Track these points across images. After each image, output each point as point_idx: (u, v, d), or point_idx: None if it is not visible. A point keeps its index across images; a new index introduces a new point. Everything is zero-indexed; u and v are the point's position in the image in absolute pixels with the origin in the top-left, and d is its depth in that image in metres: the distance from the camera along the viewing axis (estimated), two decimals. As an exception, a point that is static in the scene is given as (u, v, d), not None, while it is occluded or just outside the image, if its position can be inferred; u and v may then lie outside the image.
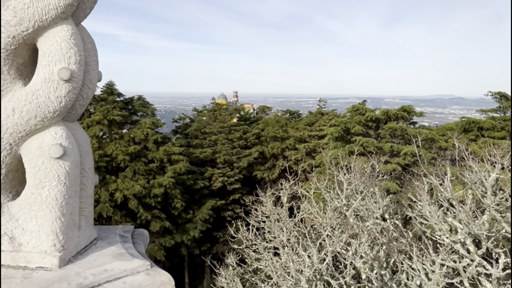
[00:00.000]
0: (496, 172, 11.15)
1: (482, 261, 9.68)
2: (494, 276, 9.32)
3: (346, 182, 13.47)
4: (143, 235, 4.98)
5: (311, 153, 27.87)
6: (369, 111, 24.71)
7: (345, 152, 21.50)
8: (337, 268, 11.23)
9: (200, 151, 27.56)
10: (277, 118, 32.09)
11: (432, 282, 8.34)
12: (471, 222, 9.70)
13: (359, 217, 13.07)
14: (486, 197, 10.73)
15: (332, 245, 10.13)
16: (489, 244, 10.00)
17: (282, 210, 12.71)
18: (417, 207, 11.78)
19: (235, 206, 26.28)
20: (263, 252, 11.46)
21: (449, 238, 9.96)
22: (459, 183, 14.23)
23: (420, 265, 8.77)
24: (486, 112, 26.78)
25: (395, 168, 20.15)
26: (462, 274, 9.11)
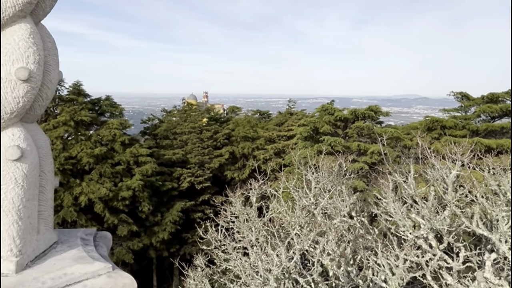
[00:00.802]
0: (457, 169, 11.59)
1: (444, 255, 10.02)
2: (454, 269, 9.66)
3: (314, 181, 13.66)
4: (106, 238, 4.89)
5: (280, 153, 28.09)
6: (338, 111, 25.09)
7: (313, 152, 21.76)
8: (305, 266, 11.35)
9: (172, 152, 27.27)
10: (247, 118, 32.19)
11: (396, 276, 8.56)
12: (433, 218, 10.03)
13: (327, 215, 13.28)
14: (447, 194, 11.13)
15: (300, 244, 10.25)
16: (450, 239, 10.37)
17: (251, 210, 12.75)
18: (382, 204, 12.08)
19: (205, 207, 26.13)
20: (232, 252, 11.43)
21: (413, 234, 10.25)
22: (422, 180, 14.66)
23: (384, 260, 8.98)
24: (449, 112, 27.72)
25: (362, 166, 20.57)
26: (424, 268, 9.40)
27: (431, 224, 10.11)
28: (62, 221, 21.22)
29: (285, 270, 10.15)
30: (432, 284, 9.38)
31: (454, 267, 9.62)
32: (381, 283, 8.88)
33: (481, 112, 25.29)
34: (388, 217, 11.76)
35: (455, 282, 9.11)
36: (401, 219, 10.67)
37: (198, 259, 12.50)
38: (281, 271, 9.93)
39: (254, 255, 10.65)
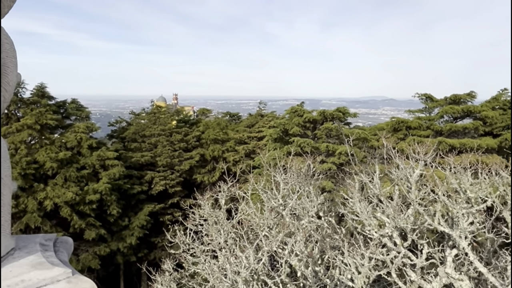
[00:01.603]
0: (420, 168, 11.91)
1: (408, 252, 10.28)
2: (418, 266, 9.92)
3: (283, 182, 13.74)
4: (67, 243, 4.79)
5: (250, 154, 28.10)
6: (307, 112, 25.34)
7: (283, 153, 21.87)
8: (274, 267, 11.40)
9: (140, 154, 26.79)
10: (217, 120, 32.05)
11: (362, 275, 8.69)
12: (397, 217, 10.26)
13: (295, 216, 13.38)
14: (411, 192, 11.41)
15: (268, 245, 10.28)
16: (414, 237, 10.65)
17: (220, 212, 12.70)
18: (349, 204, 12.27)
19: (174, 210, 25.81)
20: (201, 256, 11.34)
21: (378, 233, 10.45)
22: (388, 180, 14.96)
23: (351, 259, 9.11)
24: (414, 113, 28.44)
25: (331, 167, 20.84)
26: (389, 265, 9.59)
27: (395, 222, 10.35)
28: (25, 227, 20.49)
29: (254, 272, 10.16)
30: (397, 281, 9.59)
31: (418, 263, 9.89)
32: (347, 282, 9.00)
33: (444, 113, 26.08)
34: (355, 216, 11.96)
35: (419, 279, 9.35)
36: (367, 218, 10.87)
37: (166, 263, 12.32)
38: (249, 273, 9.93)
39: (222, 257, 10.60)
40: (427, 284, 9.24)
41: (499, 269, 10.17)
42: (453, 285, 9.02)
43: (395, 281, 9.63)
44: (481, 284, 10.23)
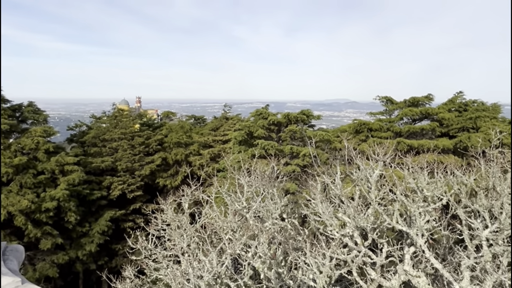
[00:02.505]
0: (379, 169, 12.20)
1: (368, 251, 10.48)
2: (378, 265, 10.13)
3: (247, 185, 13.71)
4: (17, 251, 4.60)
5: (215, 157, 27.94)
6: (272, 115, 25.48)
7: (248, 156, 21.88)
8: (238, 270, 11.34)
9: (101, 159, 26.02)
10: (181, 123, 31.64)
11: (323, 274, 8.78)
12: (357, 216, 10.44)
13: (259, 219, 13.38)
14: (371, 192, 11.66)
15: (232, 248, 10.21)
16: (374, 236, 10.87)
17: (183, 216, 12.52)
18: (311, 205, 12.40)
19: (135, 216, 25.21)
20: (163, 261, 11.12)
21: (339, 233, 10.60)
22: (350, 180, 15.24)
23: (312, 260, 9.19)
24: (375, 115, 29.22)
25: (295, 169, 21.02)
26: (350, 264, 9.74)
27: (356, 222, 10.54)
28: (-23, 237, 19.44)
29: (217, 276, 10.06)
30: (358, 280, 9.75)
31: (378, 262, 10.09)
32: (309, 282, 9.06)
33: (403, 115, 26.90)
34: (317, 217, 12.09)
35: (379, 277, 9.55)
36: (329, 219, 11.01)
37: (127, 270, 12.01)
38: (212, 276, 9.82)
39: (185, 262, 10.44)
40: (387, 282, 9.45)
41: (454, 264, 10.55)
42: (411, 281, 9.26)
43: (356, 280, 9.79)
44: (437, 280, 10.57)
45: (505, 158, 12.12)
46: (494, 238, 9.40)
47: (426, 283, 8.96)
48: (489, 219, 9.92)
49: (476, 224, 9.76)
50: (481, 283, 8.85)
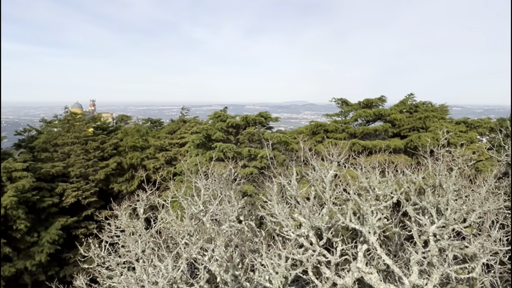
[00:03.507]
0: (334, 169, 12.46)
1: (323, 250, 10.66)
2: (333, 263, 10.33)
3: (204, 188, 13.59)
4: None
5: (171, 161, 27.50)
6: (230, 117, 25.43)
7: (205, 159, 21.71)
8: (195, 274, 11.20)
9: (51, 165, 24.89)
10: (137, 127, 30.91)
11: (279, 275, 8.83)
12: (312, 216, 10.60)
13: (216, 222, 13.29)
14: (325, 192, 11.89)
15: (188, 252, 10.08)
16: (329, 235, 11.08)
17: (138, 222, 12.23)
18: (267, 206, 12.46)
19: (88, 222, 24.29)
20: (116, 268, 10.79)
21: (295, 233, 10.72)
22: (306, 181, 15.46)
23: (268, 261, 9.22)
24: (331, 116, 29.85)
25: (252, 171, 21.09)
26: (306, 264, 9.86)
27: (311, 222, 10.69)
28: None
29: (172, 281, 9.89)
30: (313, 279, 9.89)
31: (332, 260, 10.29)
32: (265, 283, 9.09)
33: (358, 117, 27.67)
34: (274, 218, 12.17)
35: (333, 275, 9.73)
36: (284, 220, 11.10)
37: (79, 279, 11.53)
38: (167, 282, 9.65)
39: (139, 268, 10.19)
40: (341, 280, 9.64)
41: (405, 260, 10.94)
42: (364, 278, 9.51)
43: (312, 280, 9.92)
44: (389, 275, 10.92)
45: (450, 157, 12.74)
46: (440, 233, 9.84)
47: (378, 279, 9.23)
48: (435, 215, 10.36)
49: (424, 221, 10.16)
50: (429, 276, 9.22)
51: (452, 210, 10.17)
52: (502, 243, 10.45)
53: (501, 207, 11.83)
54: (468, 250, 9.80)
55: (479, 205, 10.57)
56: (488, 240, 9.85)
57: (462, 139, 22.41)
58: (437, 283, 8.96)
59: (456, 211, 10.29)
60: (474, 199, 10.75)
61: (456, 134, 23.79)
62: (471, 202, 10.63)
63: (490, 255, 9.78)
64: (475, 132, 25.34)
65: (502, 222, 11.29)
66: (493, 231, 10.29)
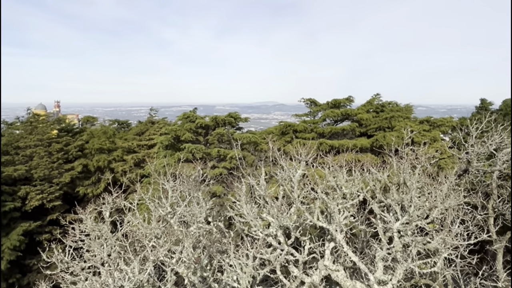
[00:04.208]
0: (302, 168, 12.57)
1: (291, 249, 10.73)
2: (300, 262, 10.40)
3: (171, 189, 13.44)
4: None
5: (140, 163, 26.98)
6: (199, 118, 25.21)
7: (174, 160, 21.44)
8: (162, 277, 11.05)
9: (13, 168, 23.91)
10: (103, 128, 30.13)
11: (246, 274, 8.82)
12: (280, 216, 10.65)
13: (184, 223, 13.16)
14: (293, 192, 11.97)
15: (155, 255, 9.92)
16: (297, 234, 11.16)
17: (104, 225, 11.95)
18: (236, 207, 12.44)
19: (53, 227, 23.44)
20: (81, 274, 10.49)
21: (263, 233, 10.73)
22: (276, 181, 15.52)
23: (236, 261, 9.20)
24: (300, 117, 30.12)
25: (222, 172, 21.00)
26: (274, 263, 9.90)
27: (279, 221, 10.74)
28: None
29: (138, 284, 9.71)
30: (281, 278, 9.93)
31: (300, 259, 10.37)
32: (233, 283, 9.05)
33: (326, 116, 28.05)
34: (242, 218, 12.16)
35: (301, 274, 9.80)
36: (253, 220, 11.11)
37: (41, 286, 11.15)
38: (133, 285, 9.46)
39: (104, 273, 9.95)
40: (308, 278, 9.73)
41: (371, 256, 11.16)
42: (331, 276, 9.63)
43: (280, 279, 9.97)
44: (356, 272, 11.11)
45: (414, 155, 13.09)
46: (404, 230, 10.09)
47: (344, 276, 9.37)
48: (400, 212, 10.63)
49: (388, 218, 10.40)
50: (394, 272, 9.43)
51: (416, 207, 10.46)
52: (462, 237, 10.86)
53: (462, 203, 12.30)
54: (430, 245, 10.10)
55: (441, 202, 10.92)
56: (449, 235, 10.19)
57: (425, 138, 23.07)
58: (401, 278, 9.19)
59: (419, 208, 10.59)
60: (436, 196, 11.08)
61: (420, 133, 24.50)
62: (433, 199, 10.97)
63: (451, 249, 10.13)
64: (438, 131, 26.16)
65: (462, 218, 11.74)
66: (454, 227, 10.66)
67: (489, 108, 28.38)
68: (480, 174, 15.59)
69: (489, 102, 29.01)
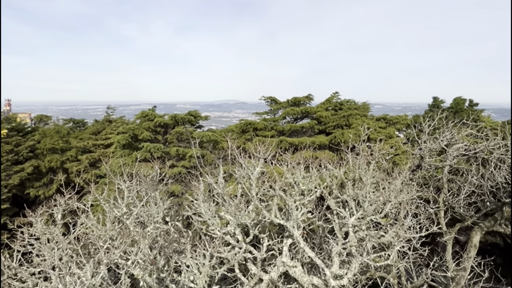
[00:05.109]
0: (260, 166, 12.58)
1: (249, 247, 10.70)
2: (259, 259, 10.40)
3: (127, 190, 13.09)
4: None
5: (95, 163, 26.14)
6: (158, 116, 24.76)
7: (131, 159, 20.93)
8: (117, 279, 10.74)
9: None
10: (57, 128, 28.91)
11: (203, 274, 8.70)
12: (238, 214, 10.59)
13: (141, 224, 12.85)
14: (252, 189, 11.95)
15: (109, 257, 9.61)
16: (255, 231, 11.16)
17: (55, 228, 11.46)
18: (194, 206, 12.28)
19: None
20: (29, 280, 10.00)
21: (221, 231, 10.64)
22: (234, 179, 15.45)
23: (192, 261, 9.06)
24: (261, 115, 30.26)
25: (181, 171, 20.70)
26: (232, 262, 9.83)
27: (237, 219, 10.69)
28: None
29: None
30: (239, 276, 9.88)
31: (258, 257, 10.36)
32: (189, 284, 8.91)
33: (286, 114, 28.31)
34: (200, 217, 12.02)
35: (259, 271, 9.79)
36: (211, 218, 11.00)
37: (-15, 294, 10.55)
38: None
39: (55, 278, 9.52)
40: (266, 275, 9.74)
41: (328, 252, 11.33)
42: (289, 272, 9.68)
43: (238, 277, 9.92)
44: (314, 268, 11.25)
45: (369, 151, 13.42)
46: (359, 224, 10.31)
47: (301, 272, 9.45)
48: (355, 207, 10.85)
49: (344, 213, 10.58)
50: (349, 266, 9.61)
51: (370, 202, 10.70)
52: (415, 230, 11.24)
53: (414, 198, 12.74)
54: (384, 239, 10.38)
55: (395, 196, 11.24)
56: (402, 228, 10.51)
57: (381, 135, 23.78)
58: (356, 272, 9.37)
59: (374, 203, 10.85)
60: (390, 191, 11.41)
61: (376, 130, 25.22)
62: (387, 194, 11.28)
63: (404, 242, 10.45)
64: (393, 128, 27.02)
65: (415, 211, 12.16)
66: (406, 220, 11.02)
67: (440, 106, 29.60)
68: (432, 169, 16.20)
69: (440, 100, 30.26)
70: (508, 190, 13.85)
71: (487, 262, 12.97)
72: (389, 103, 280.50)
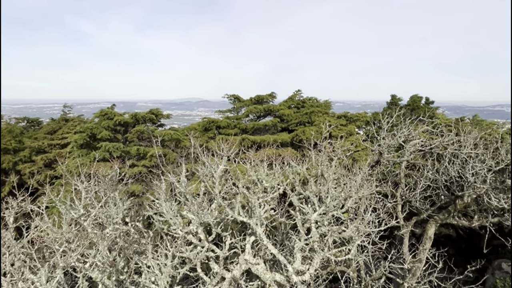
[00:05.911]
0: (223, 164, 12.47)
1: (212, 246, 10.59)
2: (221, 258, 10.31)
3: (85, 190, 12.64)
4: None
5: (51, 164, 25.14)
6: (118, 115, 24.09)
7: (89, 159, 20.25)
8: (74, 283, 10.35)
9: None
10: (9, 127, 27.56)
11: (164, 275, 8.52)
12: (200, 212, 10.46)
13: (99, 225, 12.45)
14: (215, 187, 11.84)
15: (65, 261, 9.24)
16: (218, 230, 11.05)
17: (6, 232, 10.89)
18: (155, 205, 12.02)
19: None
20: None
21: (183, 231, 10.47)
22: (197, 178, 15.25)
23: (154, 261, 8.85)
24: (224, 113, 30.10)
25: (141, 170, 20.25)
26: (194, 261, 9.69)
27: (200, 218, 10.55)
28: None
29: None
30: (202, 275, 9.76)
31: (221, 255, 10.27)
32: (150, 285, 8.70)
33: (249, 112, 28.34)
34: (162, 217, 11.79)
35: (221, 270, 9.71)
36: (172, 218, 10.80)
37: None
38: (40, 296, 8.74)
39: (6, 284, 9.05)
40: (229, 273, 9.67)
41: (290, 248, 11.40)
42: (252, 269, 9.66)
43: (201, 276, 9.79)
44: (276, 264, 11.29)
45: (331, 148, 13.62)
46: (321, 220, 10.43)
47: (264, 269, 9.45)
48: (317, 203, 10.97)
49: (307, 209, 10.68)
50: (311, 261, 9.71)
51: (332, 198, 10.86)
52: (374, 225, 11.52)
53: (374, 193, 13.06)
54: (345, 233, 10.56)
55: (355, 192, 11.46)
56: (362, 223, 10.74)
57: (342, 132, 24.25)
58: (318, 267, 9.48)
59: (335, 198, 11.01)
60: (351, 186, 11.62)
61: (337, 127, 25.69)
62: (348, 189, 11.48)
63: (364, 236, 10.69)
64: (353, 125, 27.63)
65: (374, 206, 12.47)
66: (366, 215, 11.27)
67: (398, 103, 30.54)
68: (390, 165, 16.68)
69: (398, 98, 31.22)
70: (461, 184, 14.47)
71: (441, 253, 13.50)
72: (349, 101, 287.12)
